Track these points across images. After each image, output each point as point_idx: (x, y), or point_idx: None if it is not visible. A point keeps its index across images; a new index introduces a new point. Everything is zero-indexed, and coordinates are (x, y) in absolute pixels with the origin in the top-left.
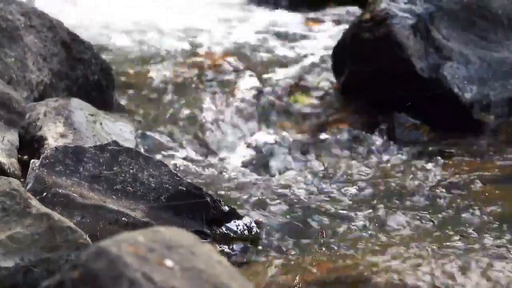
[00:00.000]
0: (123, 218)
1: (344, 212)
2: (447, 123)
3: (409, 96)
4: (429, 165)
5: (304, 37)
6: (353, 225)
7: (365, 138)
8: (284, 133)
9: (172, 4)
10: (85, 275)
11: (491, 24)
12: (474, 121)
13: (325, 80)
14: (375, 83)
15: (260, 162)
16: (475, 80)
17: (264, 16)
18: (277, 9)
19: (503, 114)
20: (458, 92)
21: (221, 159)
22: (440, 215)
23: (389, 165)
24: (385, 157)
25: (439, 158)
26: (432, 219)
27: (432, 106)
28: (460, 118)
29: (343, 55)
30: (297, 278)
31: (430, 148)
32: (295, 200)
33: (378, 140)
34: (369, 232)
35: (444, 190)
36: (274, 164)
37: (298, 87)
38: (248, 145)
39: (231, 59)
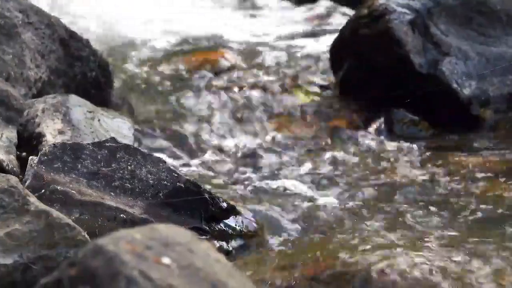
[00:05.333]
0: (121, 215)
1: (343, 209)
2: (446, 119)
3: (408, 92)
4: (428, 161)
5: (302, 33)
6: (352, 222)
7: (364, 135)
8: (282, 130)
9: (170, 2)
10: (82, 273)
11: (490, 20)
12: (473, 117)
13: (323, 77)
14: (373, 79)
15: (258, 159)
16: (474, 76)
17: (262, 13)
18: (276, 5)
19: (502, 110)
20: (456, 87)
21: (219, 156)
22: (439, 212)
23: (388, 161)
24: (384, 153)
25: (438, 154)
26: (432, 215)
27: (431, 102)
28: (459, 114)
29: (341, 51)
30: (296, 274)
31: (429, 144)
32: (293, 197)
33: (376, 136)
34: (368, 228)
35: (443, 185)
36: (272, 161)
37: (296, 83)
38: (246, 142)
39: (228, 56)
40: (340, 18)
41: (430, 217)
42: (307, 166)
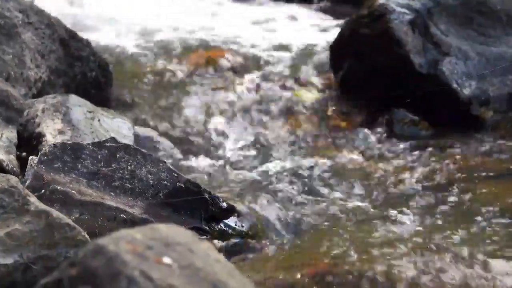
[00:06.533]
0: (121, 215)
1: (342, 208)
2: (446, 119)
3: (408, 92)
4: (428, 161)
5: (302, 33)
6: (351, 221)
7: (364, 134)
8: (282, 129)
9: (170, 2)
10: (83, 273)
11: (490, 20)
12: (473, 117)
13: (324, 76)
14: (374, 79)
15: (258, 158)
16: (474, 76)
17: (262, 12)
18: (277, 3)
19: (502, 110)
20: (456, 87)
21: (219, 156)
22: (439, 211)
23: (387, 161)
24: (384, 153)
25: (438, 153)
26: (431, 214)
27: (431, 102)
28: (459, 114)
29: (341, 51)
30: (295, 274)
31: (429, 144)
32: (293, 196)
33: (376, 136)
34: (367, 227)
35: (442, 185)
36: (272, 160)
37: (296, 83)
38: (246, 141)
39: (228, 55)
40: (339, 18)
41: (430, 217)
42: (307, 166)
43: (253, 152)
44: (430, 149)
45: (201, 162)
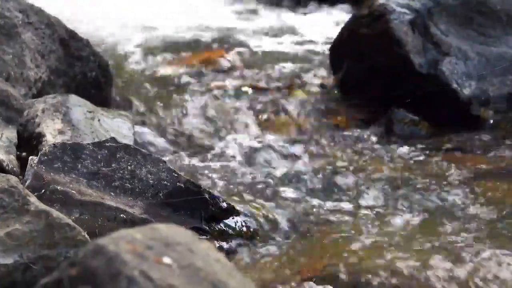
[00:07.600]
0: (121, 215)
1: (342, 208)
2: (446, 119)
3: (408, 92)
4: (428, 161)
5: (302, 33)
6: (352, 221)
7: (364, 134)
8: (282, 130)
9: (171, 2)
10: (83, 273)
11: (490, 20)
12: (473, 117)
13: (323, 77)
14: (373, 79)
15: (258, 158)
16: (474, 76)
17: (262, 12)
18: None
19: (502, 110)
20: (456, 87)
21: (218, 156)
22: (439, 211)
23: (387, 161)
24: (384, 153)
25: (438, 154)
26: (431, 215)
27: (431, 102)
28: (459, 114)
29: (341, 51)
30: (295, 274)
31: (429, 144)
32: (293, 196)
33: (376, 136)
34: (368, 228)
35: (443, 185)
36: (272, 160)
37: (296, 83)
38: (246, 141)
39: (228, 56)
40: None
41: (430, 217)
42: (306, 166)
43: (252, 152)
44: (430, 149)
45: (201, 162)
